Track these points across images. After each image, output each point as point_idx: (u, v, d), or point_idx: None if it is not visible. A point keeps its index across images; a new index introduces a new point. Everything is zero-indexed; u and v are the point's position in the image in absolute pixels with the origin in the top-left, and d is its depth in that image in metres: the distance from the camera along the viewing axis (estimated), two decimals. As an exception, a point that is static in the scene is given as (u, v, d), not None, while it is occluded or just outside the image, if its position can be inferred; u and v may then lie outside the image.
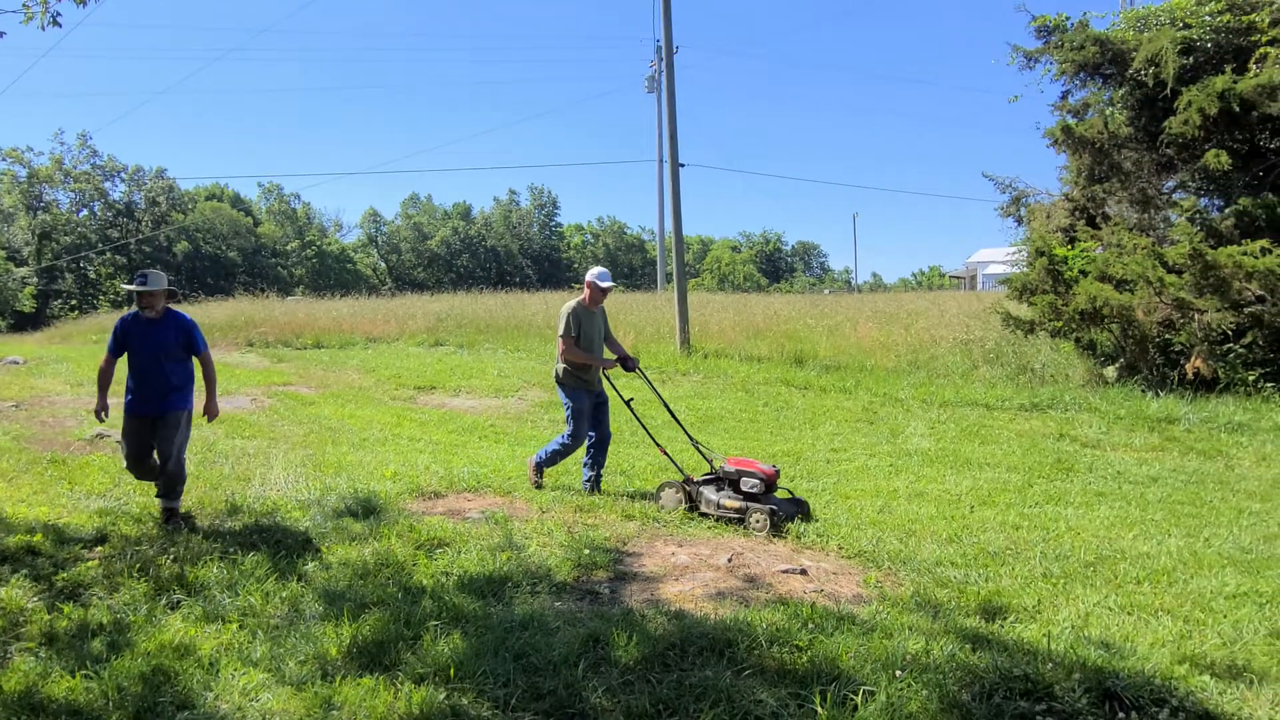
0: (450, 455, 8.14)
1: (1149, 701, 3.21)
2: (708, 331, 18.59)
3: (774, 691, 3.25)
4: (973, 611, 4.22)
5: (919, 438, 9.26)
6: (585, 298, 6.88)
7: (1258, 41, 11.84)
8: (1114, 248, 12.53)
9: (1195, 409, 10.04)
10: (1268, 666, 3.60)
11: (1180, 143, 12.13)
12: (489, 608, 4.08)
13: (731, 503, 5.93)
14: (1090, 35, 12.76)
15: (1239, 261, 10.67)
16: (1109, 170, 13.36)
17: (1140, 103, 12.77)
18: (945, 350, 14.90)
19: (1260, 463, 8.04)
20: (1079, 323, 12.42)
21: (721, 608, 4.20)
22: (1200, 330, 11.41)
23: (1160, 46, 11.77)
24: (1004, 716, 3.10)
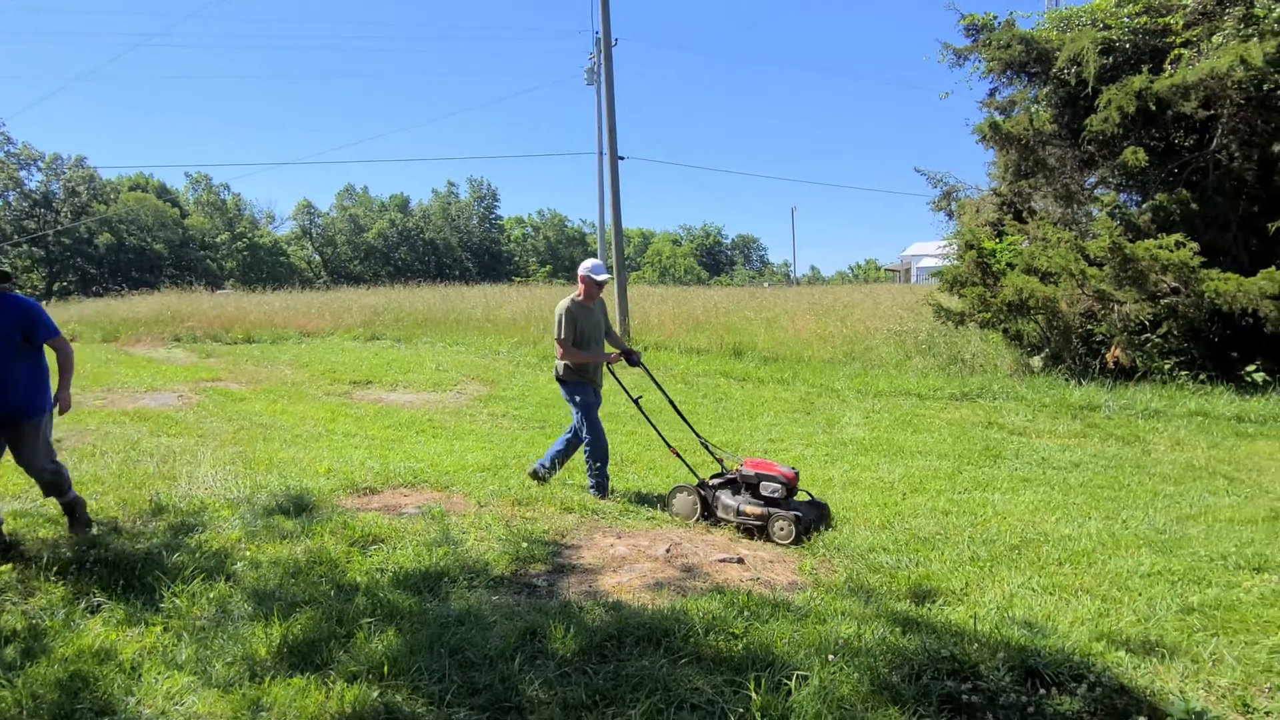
0: (387, 451, 8.02)
1: (1068, 677, 3.33)
2: (648, 324, 18.64)
3: (710, 679, 3.28)
4: (903, 595, 4.33)
5: (854, 427, 9.44)
6: (580, 293, 6.58)
7: (1172, 43, 12.32)
8: (1039, 241, 12.93)
9: (1115, 396, 10.44)
10: (1178, 641, 3.77)
11: (1101, 140, 12.55)
12: (425, 603, 4.03)
13: (752, 509, 5.57)
14: (1016, 34, 13.12)
15: (1155, 255, 11.11)
16: (1034, 166, 13.77)
17: (1063, 101, 13.18)
18: (880, 342, 15.21)
19: (1174, 447, 8.40)
20: (1007, 314, 12.80)
21: (659, 598, 4.23)
22: (1119, 321, 11.85)
23: (1082, 46, 12.16)
24: (931, 696, 3.18)
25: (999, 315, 12.91)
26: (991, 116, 13.83)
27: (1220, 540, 5.25)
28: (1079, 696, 3.21)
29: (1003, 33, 13.16)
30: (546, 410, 10.71)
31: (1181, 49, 12.13)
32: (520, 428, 9.67)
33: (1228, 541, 5.23)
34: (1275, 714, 3.16)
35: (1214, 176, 12.22)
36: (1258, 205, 12.28)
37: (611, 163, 17.02)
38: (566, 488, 6.51)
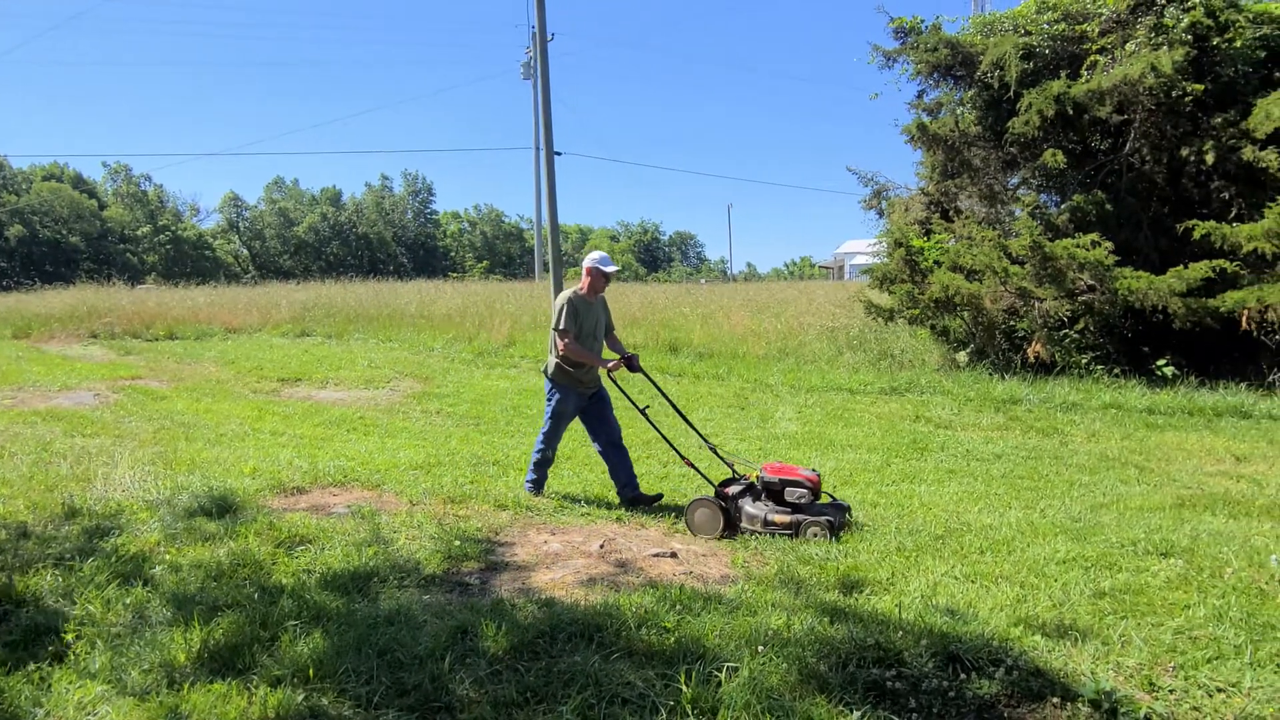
0: (316, 449, 7.85)
1: (987, 662, 3.45)
2: (585, 320, 18.59)
3: (641, 673, 3.30)
4: (832, 586, 4.41)
5: (787, 422, 9.59)
6: (584, 286, 6.18)
7: (1089, 50, 12.81)
8: (965, 240, 13.31)
9: (1035, 390, 10.82)
10: (1091, 624, 3.92)
11: (1022, 142, 12.98)
12: (353, 604, 3.97)
13: (780, 518, 5.36)
14: (943, 38, 13.47)
15: (1073, 254, 11.54)
16: (960, 166, 14.16)
17: (987, 103, 13.59)
18: (813, 338, 15.47)
19: (1090, 439, 8.75)
20: (934, 310, 13.14)
21: (592, 594, 4.24)
22: (1040, 317, 12.28)
23: (1004, 51, 12.54)
24: (857, 684, 3.25)
25: (927, 312, 13.25)
26: (919, 118, 14.18)
27: (1131, 527, 5.49)
28: (997, 680, 3.32)
29: (930, 36, 13.49)
30: (481, 407, 10.62)
31: (1097, 55, 12.62)
32: (454, 425, 9.57)
33: (1137, 528, 5.46)
34: (1178, 691, 3.31)
35: (1127, 179, 12.75)
36: (1167, 206, 12.85)
37: (548, 158, 16.93)
38: (501, 484, 6.47)
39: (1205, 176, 12.24)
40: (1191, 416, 9.80)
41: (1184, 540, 5.16)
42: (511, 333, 17.38)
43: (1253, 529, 5.50)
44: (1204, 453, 8.02)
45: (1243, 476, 7.09)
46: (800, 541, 5.21)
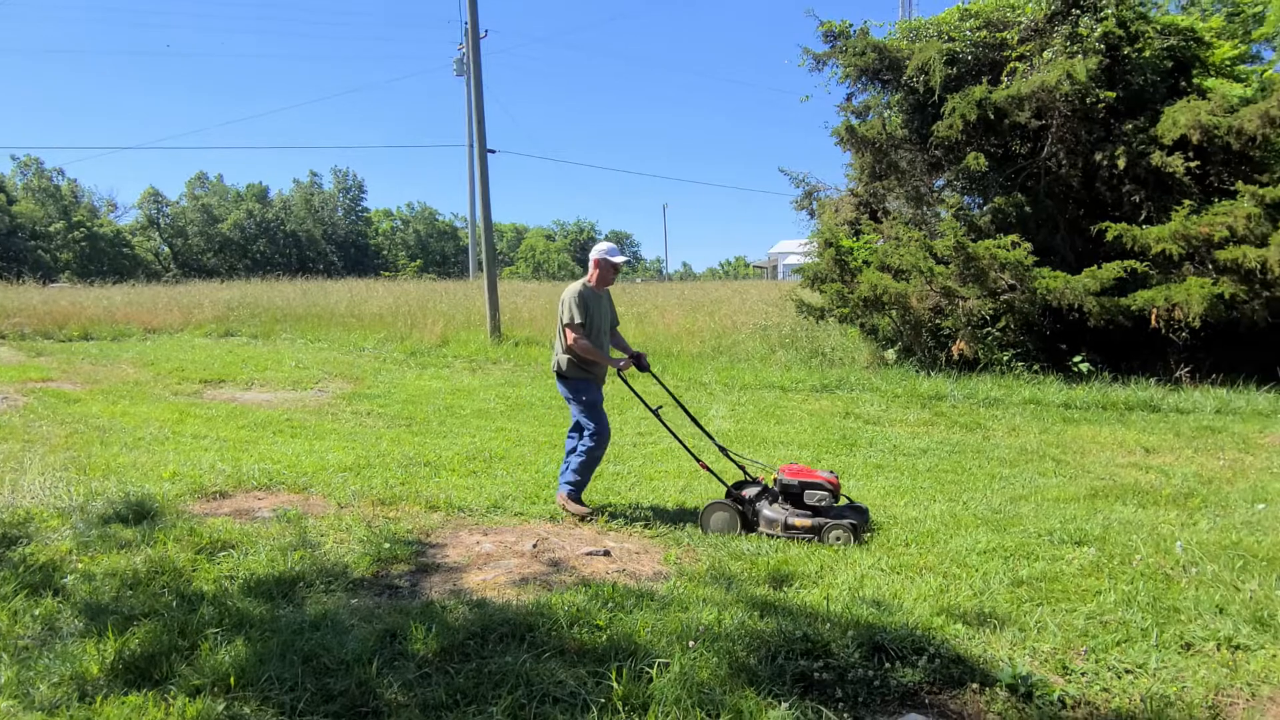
0: (240, 452, 7.63)
1: (911, 650, 3.54)
2: (519, 319, 18.50)
3: (573, 671, 3.30)
4: (762, 581, 4.48)
5: (721, 419, 9.68)
6: (592, 278, 5.87)
7: (1009, 56, 13.24)
8: (893, 240, 13.62)
9: (959, 386, 11.14)
10: (1009, 612, 4.07)
11: (947, 145, 13.35)
12: (277, 610, 3.87)
13: (802, 521, 5.24)
14: (870, 42, 13.75)
15: (994, 254, 11.91)
16: (888, 168, 14.49)
17: (913, 107, 13.93)
18: (746, 336, 15.65)
19: (1011, 433, 9.05)
20: (863, 309, 13.42)
21: (524, 593, 4.22)
22: (964, 315, 12.65)
23: (929, 56, 12.87)
24: (786, 676, 3.31)
25: (856, 310, 13.52)
26: (848, 120, 14.47)
27: (1047, 517, 5.70)
28: (919, 668, 3.41)
29: (858, 40, 13.77)
30: (414, 407, 10.46)
31: (1017, 62, 13.05)
32: (386, 426, 9.40)
33: (1054, 518, 5.68)
34: (1089, 674, 3.46)
35: (1045, 182, 13.22)
36: (1083, 209, 13.37)
37: (480, 156, 16.77)
38: (433, 485, 6.39)
39: (1117, 180, 12.76)
40: (1105, 410, 10.21)
41: (1097, 529, 5.38)
42: (445, 332, 17.17)
43: (1160, 517, 5.77)
44: (1116, 445, 8.37)
45: (1151, 467, 7.42)
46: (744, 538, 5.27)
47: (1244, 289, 11.34)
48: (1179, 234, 11.50)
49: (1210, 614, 4.00)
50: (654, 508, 5.97)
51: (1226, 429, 9.05)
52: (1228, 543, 5.05)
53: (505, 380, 13.00)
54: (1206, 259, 11.70)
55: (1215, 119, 11.79)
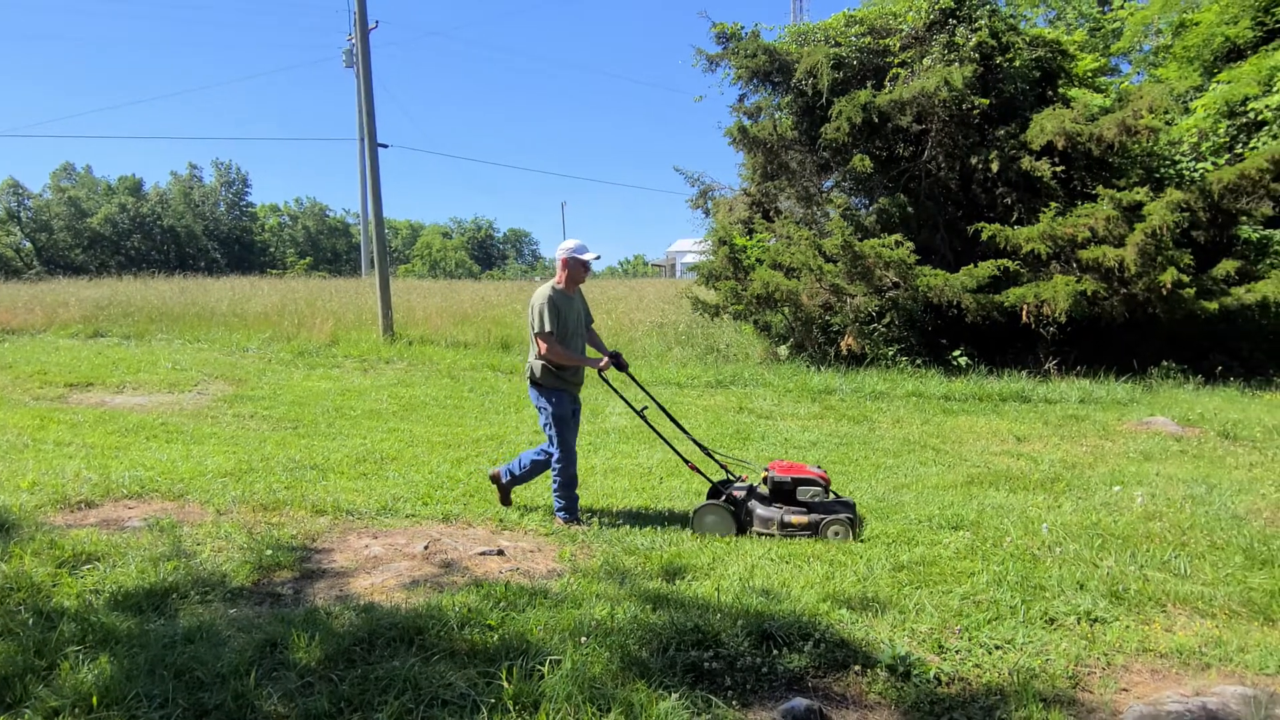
0: (109, 459, 7.19)
1: (798, 637, 3.64)
2: (413, 318, 18.11)
3: (464, 673, 3.25)
4: (656, 575, 4.52)
5: (617, 416, 9.71)
6: (561, 279, 5.60)
7: (892, 62, 13.76)
8: (784, 239, 13.98)
9: (847, 381, 11.53)
10: (890, 595, 4.23)
11: (834, 147, 13.78)
12: (147, 624, 3.67)
13: (798, 519, 5.18)
14: (761, 45, 14.06)
15: (879, 253, 12.37)
16: (779, 169, 14.86)
17: (802, 109, 14.32)
18: (643, 333, 15.77)
19: (895, 425, 9.41)
20: (756, 306, 13.72)
21: (414, 596, 4.13)
22: (851, 312, 13.09)
23: (817, 61, 13.26)
24: (677, 667, 3.35)
25: (750, 307, 13.81)
26: (740, 121, 14.75)
27: (927, 504, 5.96)
28: (805, 653, 3.51)
29: (749, 42, 14.05)
30: (300, 409, 10.09)
31: (899, 68, 13.58)
32: (271, 429, 9.04)
33: (933, 505, 5.94)
34: (963, 651, 3.63)
35: (926, 184, 13.81)
36: (961, 210, 14.03)
37: (370, 150, 16.32)
38: (320, 488, 6.18)
39: (991, 183, 13.46)
40: (981, 402, 10.76)
41: (972, 514, 5.66)
42: (335, 331, 16.64)
43: (1029, 501, 6.12)
44: (991, 434, 8.83)
45: (1022, 454, 7.86)
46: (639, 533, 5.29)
47: (1104, 286, 12.13)
48: (1046, 235, 12.21)
49: (1072, 590, 4.26)
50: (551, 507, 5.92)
51: (1089, 417, 9.67)
52: (1088, 523, 5.40)
53: (398, 380, 12.69)
54: (1071, 258, 12.46)
55: (1078, 127, 12.57)
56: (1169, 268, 11.78)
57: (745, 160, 15.54)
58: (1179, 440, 8.45)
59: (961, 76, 12.62)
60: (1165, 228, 11.78)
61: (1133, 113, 12.45)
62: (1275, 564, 4.63)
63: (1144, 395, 11.25)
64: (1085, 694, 3.33)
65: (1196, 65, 16.13)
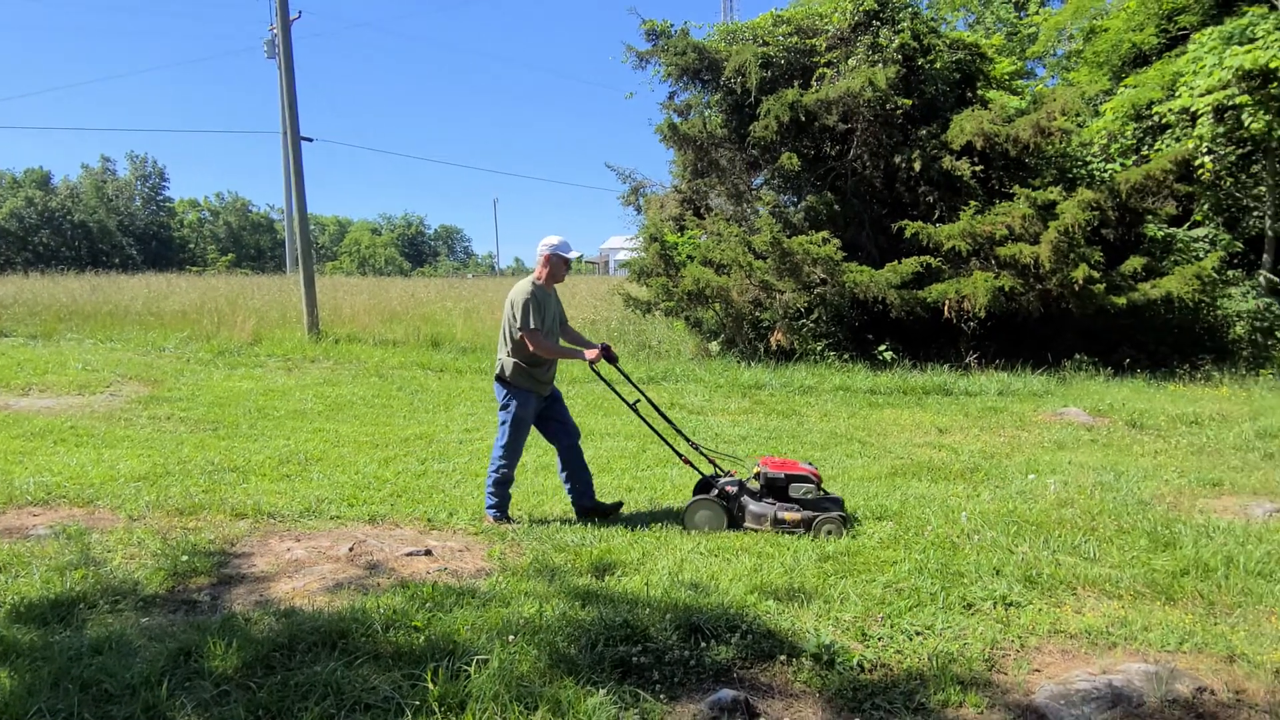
0: (12, 465, 6.85)
1: (725, 629, 3.68)
2: (340, 316, 17.72)
3: (388, 676, 3.20)
4: (586, 571, 4.51)
5: (549, 414, 9.67)
6: (541, 275, 5.56)
7: (819, 62, 13.99)
8: (715, 236, 14.10)
9: (777, 376, 11.69)
10: (816, 586, 4.31)
11: (763, 145, 13.95)
12: (52, 636, 3.51)
13: (791, 515, 5.18)
14: (691, 43, 14.15)
15: (807, 249, 12.57)
16: (709, 166, 14.97)
17: (732, 107, 14.46)
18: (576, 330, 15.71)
19: (823, 418, 9.59)
20: (687, 303, 13.82)
21: (338, 599, 4.04)
22: (781, 308, 13.28)
23: (745, 59, 13.40)
24: (605, 663, 3.35)
25: (681, 304, 13.90)
26: (670, 118, 14.82)
27: (853, 496, 6.08)
28: (733, 645, 3.55)
29: (679, 40, 14.12)
30: (220, 410, 9.77)
31: (825, 68, 13.81)
32: (189, 431, 8.74)
33: (858, 496, 6.07)
34: (885, 638, 3.72)
35: (852, 182, 14.08)
36: (886, 208, 14.36)
37: (293, 143, 15.89)
38: (240, 491, 6.00)
39: (914, 182, 13.80)
40: (905, 395, 11.03)
41: (895, 504, 5.80)
42: (257, 330, 16.16)
43: (950, 491, 6.30)
44: (914, 426, 9.06)
45: (944, 446, 8.09)
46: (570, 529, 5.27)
47: (1021, 283, 12.56)
48: (966, 232, 12.58)
49: (989, 576, 4.41)
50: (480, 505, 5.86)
51: (1007, 409, 10.00)
52: (1005, 511, 5.58)
53: (324, 379, 12.40)
54: (990, 255, 12.86)
55: (996, 128, 12.98)
56: (1081, 264, 12.26)
57: (676, 157, 15.63)
58: (1090, 430, 8.80)
59: (885, 77, 12.91)
60: (1077, 226, 12.26)
61: (1046, 115, 12.92)
62: (1177, 546, 4.86)
63: (1058, 387, 11.69)
64: (1000, 676, 3.44)
65: (1106, 70, 16.81)
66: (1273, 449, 7.76)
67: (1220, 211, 15.13)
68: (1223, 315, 14.07)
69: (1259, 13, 13.30)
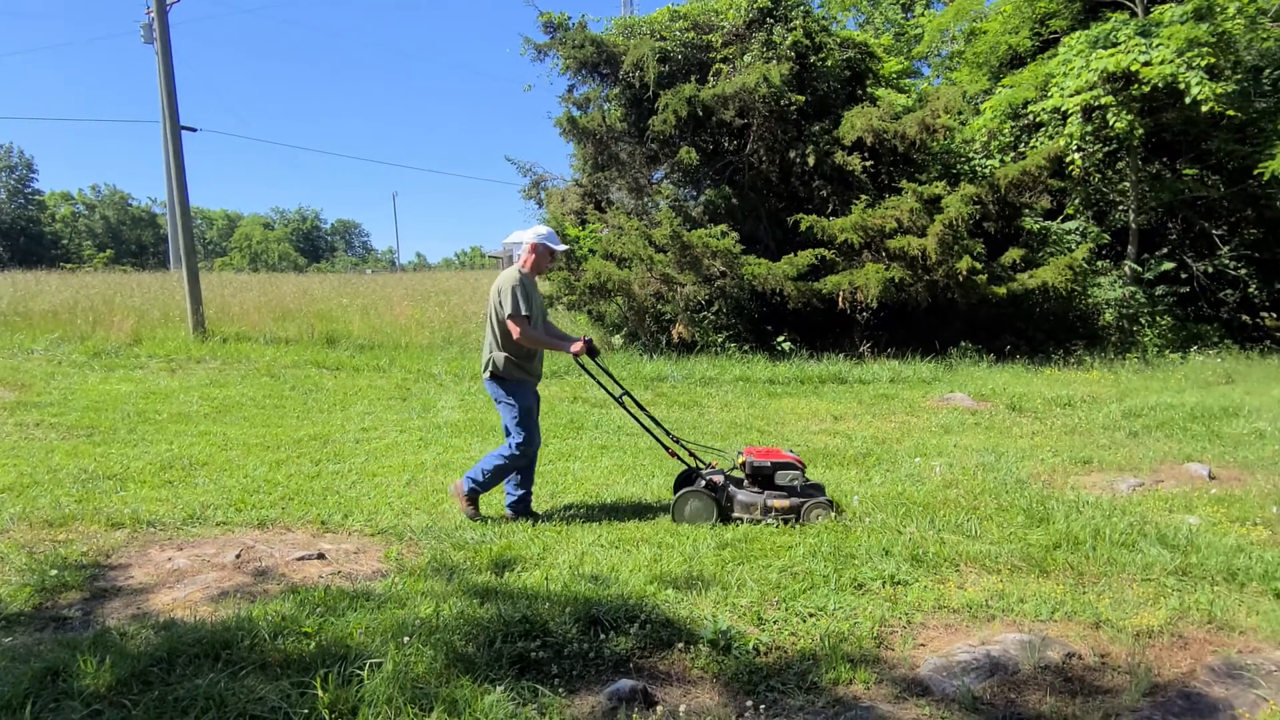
0: None
1: (625, 620, 3.70)
2: (229, 314, 16.98)
3: (276, 685, 3.09)
4: (485, 568, 4.47)
5: (450, 410, 9.52)
6: (527, 264, 5.43)
7: (715, 58, 14.16)
8: (616, 229, 14.13)
9: (679, 368, 11.82)
10: (714, 573, 4.38)
11: (662, 139, 14.05)
12: (-100, 663, 3.25)
13: (781, 503, 5.22)
14: (589, 36, 14.12)
15: (707, 243, 12.74)
16: (609, 160, 14.99)
17: (631, 101, 14.51)
18: (477, 326, 15.51)
19: (724, 409, 9.75)
20: (590, 296, 13.81)
21: (223, 608, 3.88)
22: (682, 301, 13.43)
23: (643, 54, 13.46)
24: (503, 659, 3.33)
25: (584, 297, 13.89)
26: (569, 111, 14.77)
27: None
28: (632, 635, 3.58)
29: (576, 33, 14.07)
30: (96, 415, 9.22)
31: (721, 64, 14.00)
32: (60, 437, 8.21)
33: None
34: (780, 621, 3.82)
35: (749, 176, 14.34)
36: (782, 202, 14.68)
37: (173, 132, 15.10)
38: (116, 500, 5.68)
39: (809, 176, 14.15)
40: (803, 384, 11.32)
41: (791, 490, 5.94)
42: (138, 329, 15.31)
43: (844, 476, 6.50)
44: (811, 415, 9.31)
45: (838, 432, 8.34)
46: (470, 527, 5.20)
47: (910, 274, 13.05)
48: (859, 225, 12.98)
49: (878, 556, 4.57)
50: (377, 505, 5.74)
51: (898, 395, 10.39)
52: (894, 494, 5.81)
53: (211, 380, 11.86)
54: (881, 248, 13.32)
55: (884, 124, 13.44)
56: (964, 256, 12.83)
57: (576, 151, 15.59)
58: (974, 414, 9.23)
59: (779, 74, 13.18)
60: (960, 219, 12.81)
61: (931, 112, 13.44)
62: (1050, 521, 5.15)
63: (945, 374, 12.21)
64: (888, 652, 3.58)
65: (985, 70, 17.60)
66: (1137, 428, 8.31)
67: (1090, 205, 16.09)
68: (1093, 303, 14.97)
69: (1121, 18, 14.16)
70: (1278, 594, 4.10)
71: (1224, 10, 12.77)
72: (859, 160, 13.45)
